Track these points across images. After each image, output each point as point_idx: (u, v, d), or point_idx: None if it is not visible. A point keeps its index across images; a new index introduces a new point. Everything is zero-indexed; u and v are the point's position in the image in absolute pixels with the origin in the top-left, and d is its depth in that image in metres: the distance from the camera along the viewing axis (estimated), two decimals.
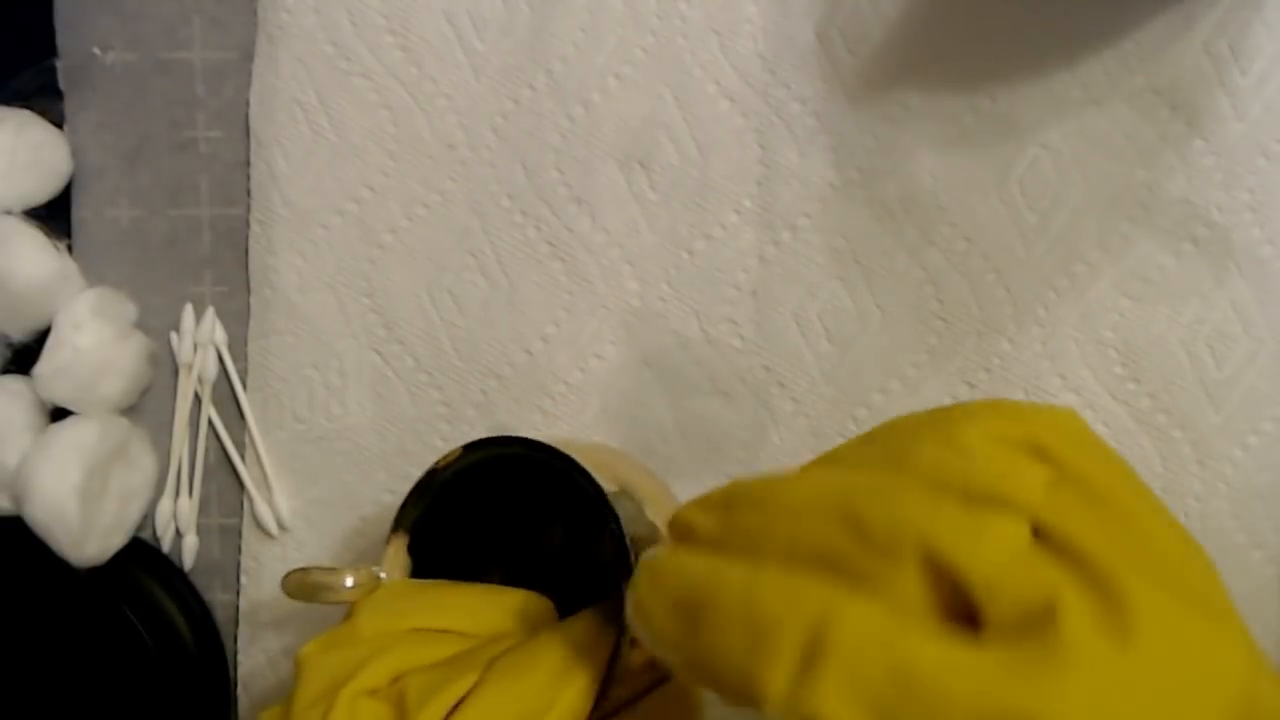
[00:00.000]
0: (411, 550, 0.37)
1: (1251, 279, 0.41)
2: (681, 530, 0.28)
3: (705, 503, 0.28)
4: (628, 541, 0.32)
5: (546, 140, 0.43)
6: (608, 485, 0.33)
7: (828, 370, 0.42)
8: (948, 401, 0.42)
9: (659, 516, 0.34)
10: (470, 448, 0.36)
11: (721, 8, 0.43)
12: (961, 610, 0.23)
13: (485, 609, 0.34)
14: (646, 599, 0.26)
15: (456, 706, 0.30)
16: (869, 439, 0.28)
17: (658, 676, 0.33)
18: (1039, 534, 0.23)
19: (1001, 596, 0.22)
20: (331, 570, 0.35)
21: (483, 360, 0.43)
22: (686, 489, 0.43)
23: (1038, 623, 0.22)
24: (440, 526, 0.37)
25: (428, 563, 0.37)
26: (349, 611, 0.35)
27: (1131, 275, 0.41)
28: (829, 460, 0.28)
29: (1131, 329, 0.41)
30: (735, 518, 0.26)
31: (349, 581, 0.35)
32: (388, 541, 0.37)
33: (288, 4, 0.44)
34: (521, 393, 0.43)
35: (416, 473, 0.43)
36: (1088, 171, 0.41)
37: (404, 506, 0.37)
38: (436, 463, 0.37)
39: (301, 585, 0.35)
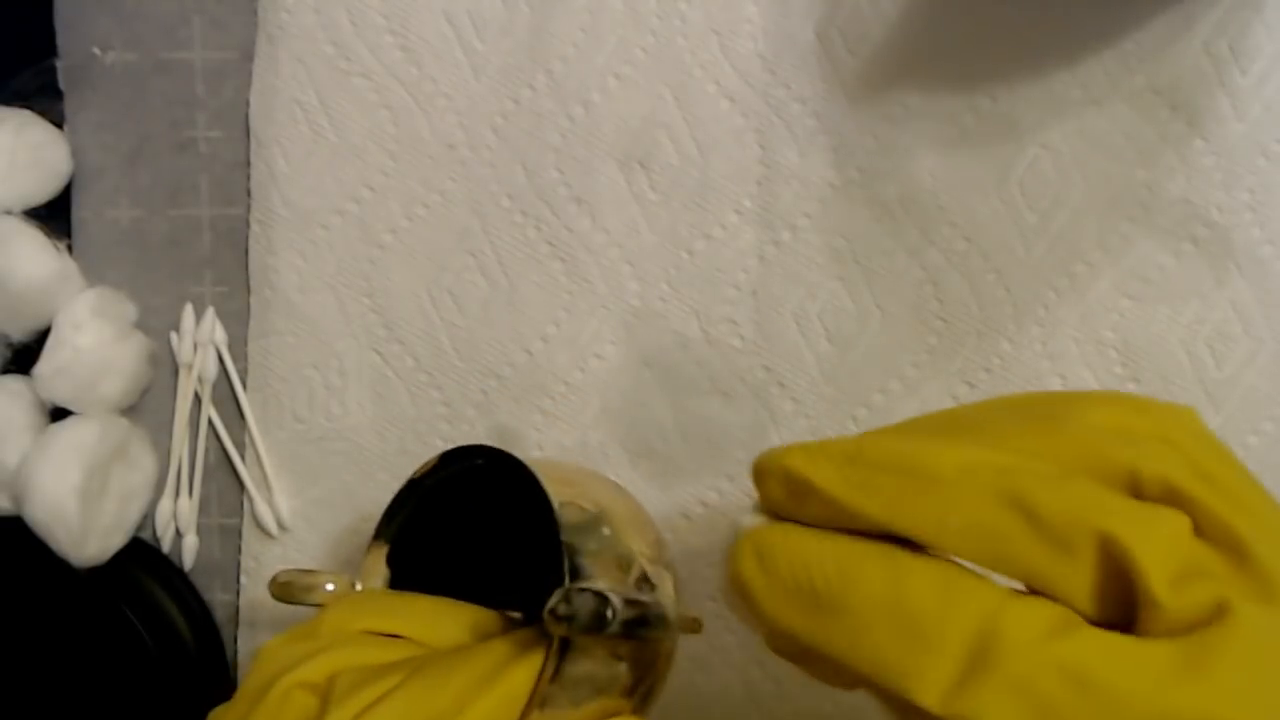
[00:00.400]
0: (392, 560, 0.37)
1: (1251, 279, 0.41)
2: (795, 485, 0.25)
3: (825, 453, 0.25)
4: (565, 561, 0.31)
5: (546, 140, 0.43)
6: (588, 508, 0.33)
7: (828, 370, 0.42)
8: (949, 402, 0.42)
9: (636, 543, 0.34)
10: (447, 458, 0.36)
11: (721, 8, 0.43)
12: (1121, 608, 0.22)
13: (439, 620, 0.34)
14: (755, 582, 0.25)
15: (375, 703, 0.29)
16: (989, 409, 0.26)
17: (607, 710, 0.33)
18: (1199, 529, 0.23)
19: (1179, 595, 0.22)
20: (312, 573, 0.36)
21: (483, 360, 0.43)
22: (686, 489, 0.43)
23: (1207, 621, 0.21)
24: (420, 536, 0.37)
25: (407, 573, 0.37)
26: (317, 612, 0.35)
27: (1131, 275, 0.41)
28: (952, 426, 0.26)
29: (1131, 329, 0.41)
30: (872, 478, 0.24)
31: (329, 586, 0.36)
32: (367, 551, 0.37)
33: (288, 4, 0.44)
34: (521, 393, 0.43)
35: None
36: (1088, 171, 0.41)
37: (385, 517, 0.37)
38: (415, 473, 0.37)
39: (285, 588, 0.36)
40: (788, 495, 0.26)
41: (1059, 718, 0.21)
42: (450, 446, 0.36)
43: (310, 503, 0.44)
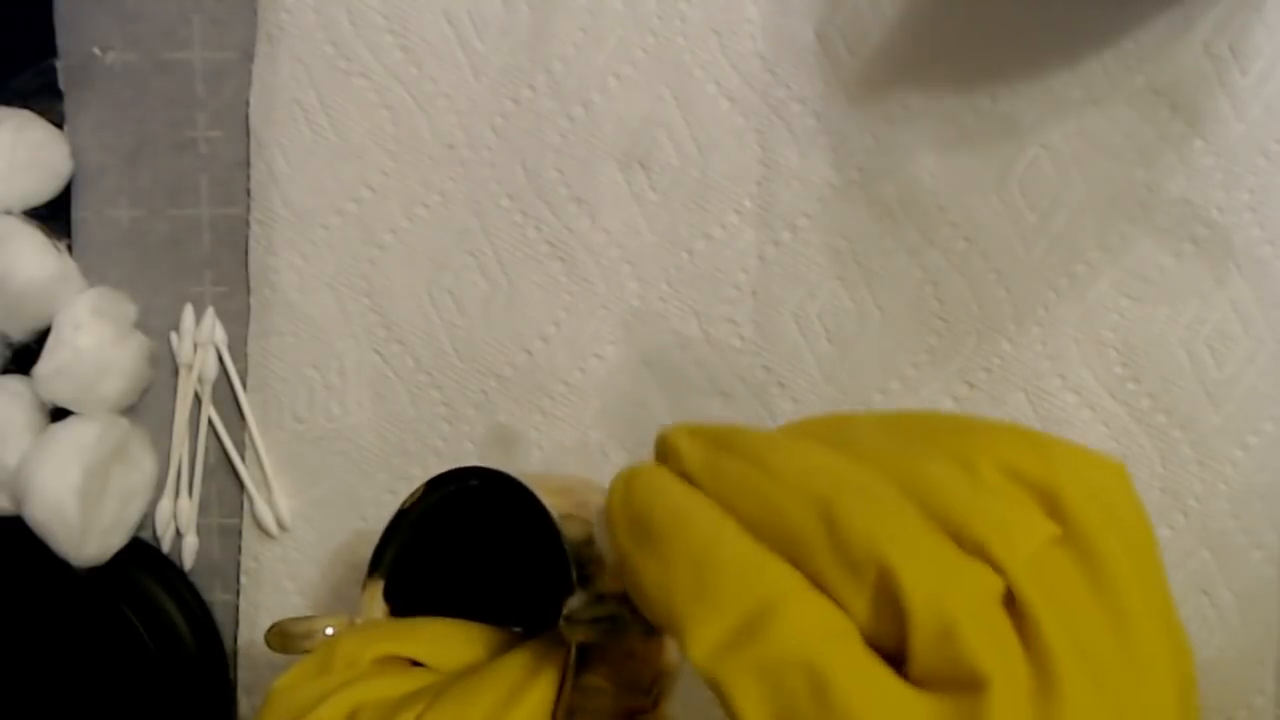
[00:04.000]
0: (389, 594, 0.37)
1: (1251, 279, 0.41)
2: (664, 450, 0.27)
3: (698, 433, 0.27)
4: (572, 569, 0.31)
5: (546, 140, 0.43)
6: (587, 516, 0.33)
7: (828, 370, 0.42)
8: (948, 402, 0.42)
9: None
10: (433, 485, 0.36)
11: (721, 8, 0.43)
12: (896, 642, 0.22)
13: (450, 641, 0.33)
14: (614, 507, 0.26)
15: None
16: (893, 424, 0.27)
17: (629, 709, 0.32)
18: (1010, 600, 0.22)
19: (941, 652, 0.22)
20: (310, 619, 0.35)
21: (483, 360, 0.43)
22: None
23: (965, 689, 0.21)
24: (415, 566, 0.37)
25: (406, 604, 0.36)
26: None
27: (1131, 275, 0.41)
28: (842, 429, 0.27)
29: (1131, 329, 0.41)
30: (721, 461, 0.26)
31: (329, 630, 0.35)
32: (364, 588, 0.37)
33: (288, 4, 0.44)
34: (521, 393, 0.43)
35: (418, 473, 0.43)
36: (1088, 171, 0.41)
37: (376, 551, 0.36)
38: (403, 503, 0.36)
39: (283, 637, 0.35)
40: (661, 457, 0.27)
41: (790, 715, 0.22)
42: (449, 448, 0.36)
43: (310, 503, 0.44)
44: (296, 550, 0.44)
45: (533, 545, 0.33)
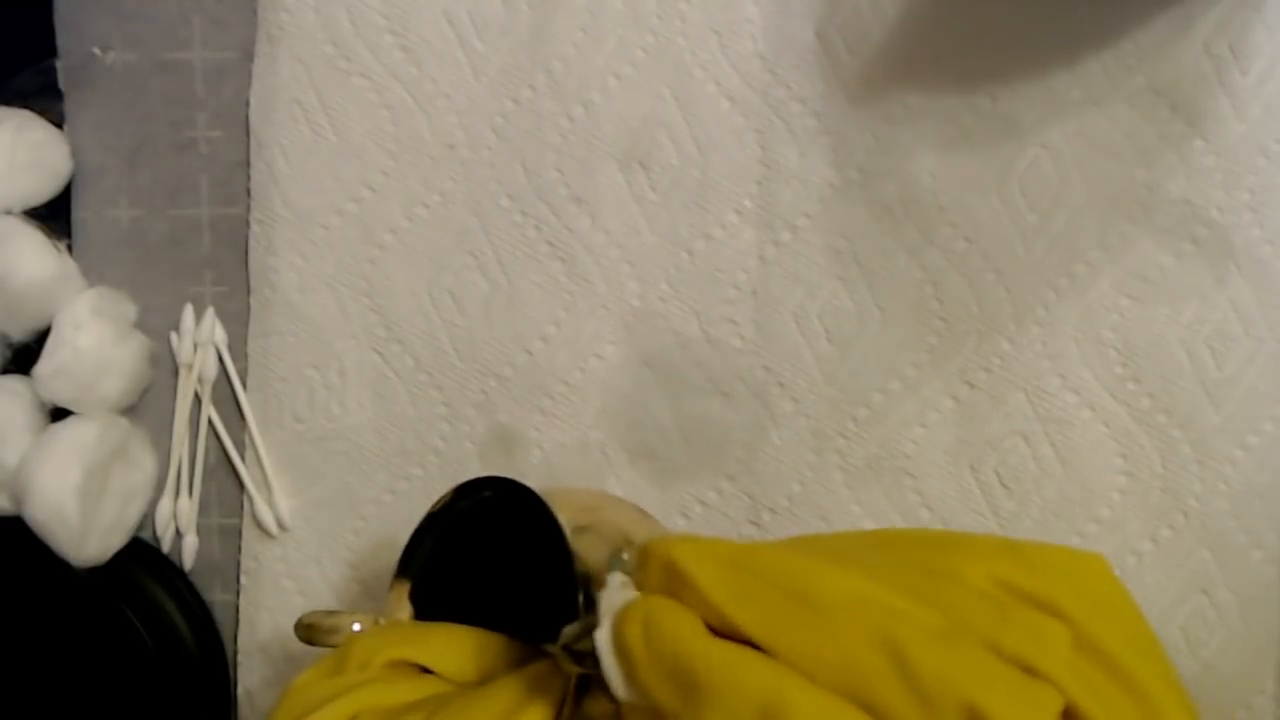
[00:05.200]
0: (414, 596, 0.37)
1: (1251, 279, 0.41)
2: (672, 579, 0.26)
3: (713, 553, 0.26)
4: (579, 594, 0.31)
5: (546, 140, 0.43)
6: (607, 532, 0.33)
7: (828, 370, 0.42)
8: (948, 402, 0.42)
9: None
10: (461, 491, 0.36)
11: (721, 8, 0.43)
12: None
13: (463, 650, 0.33)
14: (636, 652, 0.26)
15: None
16: (876, 545, 0.27)
17: None
18: (1068, 714, 0.24)
19: None
20: (337, 614, 0.36)
21: (483, 360, 0.43)
22: (685, 489, 0.43)
23: None
24: (440, 570, 0.37)
25: (430, 607, 0.37)
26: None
27: (1131, 275, 0.41)
28: (835, 548, 0.27)
29: (1131, 329, 0.41)
30: (754, 589, 0.25)
31: (355, 626, 0.35)
32: (390, 588, 0.37)
33: (288, 4, 0.44)
34: (521, 393, 0.43)
35: (418, 473, 0.43)
36: (1088, 171, 0.41)
37: (405, 554, 0.37)
38: (432, 507, 0.36)
39: (310, 631, 0.36)
40: (666, 584, 0.26)
41: None
42: (449, 448, 0.36)
43: (310, 503, 0.44)
44: (296, 550, 0.44)
45: (551, 556, 0.33)
